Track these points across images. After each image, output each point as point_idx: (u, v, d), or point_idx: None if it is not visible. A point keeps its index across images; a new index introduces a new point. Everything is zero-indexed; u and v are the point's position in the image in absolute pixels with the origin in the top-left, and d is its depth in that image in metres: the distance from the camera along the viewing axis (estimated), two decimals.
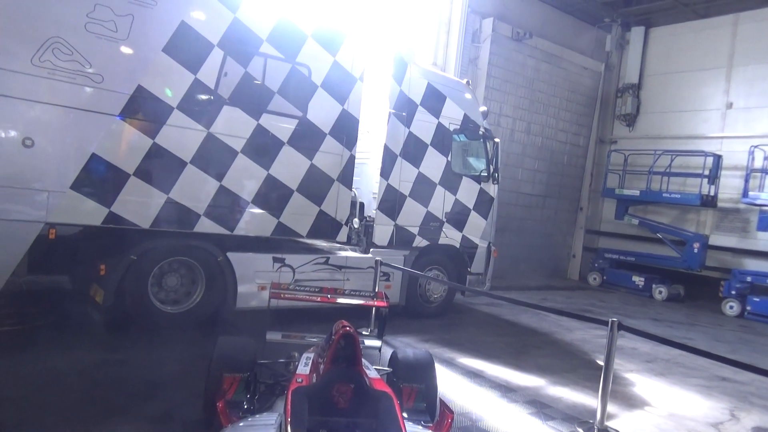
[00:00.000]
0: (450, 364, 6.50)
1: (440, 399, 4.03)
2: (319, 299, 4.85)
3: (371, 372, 3.54)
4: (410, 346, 6.62)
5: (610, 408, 5.04)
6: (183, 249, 6.49)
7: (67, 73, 5.37)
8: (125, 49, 5.70)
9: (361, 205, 8.33)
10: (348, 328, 3.30)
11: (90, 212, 5.66)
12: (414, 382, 4.05)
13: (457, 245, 9.11)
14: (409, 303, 8.55)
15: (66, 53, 5.34)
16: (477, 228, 9.36)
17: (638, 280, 15.18)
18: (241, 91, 6.46)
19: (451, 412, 3.84)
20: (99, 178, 5.66)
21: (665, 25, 16.63)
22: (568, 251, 17.58)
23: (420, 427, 3.41)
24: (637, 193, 15.50)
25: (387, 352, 4.93)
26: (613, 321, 4.70)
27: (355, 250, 8.21)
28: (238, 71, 6.42)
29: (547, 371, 6.63)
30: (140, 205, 5.94)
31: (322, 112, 7.16)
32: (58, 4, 5.32)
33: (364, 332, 6.44)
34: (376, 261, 7.27)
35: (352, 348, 3.27)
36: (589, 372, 6.66)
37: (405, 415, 3.34)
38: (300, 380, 3.23)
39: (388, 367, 4.32)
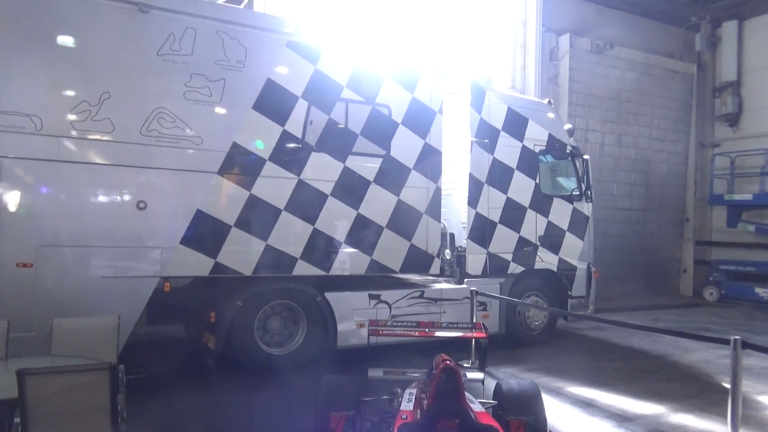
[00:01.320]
0: (558, 393, 6.23)
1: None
2: (417, 334, 4.85)
3: (476, 406, 3.49)
4: (514, 377, 6.45)
5: None
6: (283, 292, 6.77)
7: (171, 138, 5.89)
8: (219, 111, 6.18)
9: (452, 235, 8.30)
10: (448, 362, 3.30)
11: (198, 264, 6.10)
12: (521, 415, 3.92)
13: (555, 269, 8.82)
14: (510, 332, 8.34)
15: (169, 121, 5.88)
16: (574, 249, 9.03)
17: (762, 291, 13.88)
18: (327, 137, 6.75)
19: None
20: (204, 232, 6.10)
21: (761, 15, 15.49)
22: (677, 266, 16.44)
23: None
24: (749, 197, 14.37)
25: (490, 384, 4.82)
26: (735, 339, 4.32)
27: (449, 282, 8.15)
28: (322, 118, 6.74)
29: (666, 397, 6.19)
30: (242, 253, 6.30)
31: (405, 148, 7.31)
32: (160, 79, 5.88)
33: (465, 365, 6.35)
34: (472, 291, 7.20)
35: (454, 382, 3.25)
36: (715, 396, 6.14)
37: None
38: (404, 417, 3.24)
39: (493, 399, 4.23)
